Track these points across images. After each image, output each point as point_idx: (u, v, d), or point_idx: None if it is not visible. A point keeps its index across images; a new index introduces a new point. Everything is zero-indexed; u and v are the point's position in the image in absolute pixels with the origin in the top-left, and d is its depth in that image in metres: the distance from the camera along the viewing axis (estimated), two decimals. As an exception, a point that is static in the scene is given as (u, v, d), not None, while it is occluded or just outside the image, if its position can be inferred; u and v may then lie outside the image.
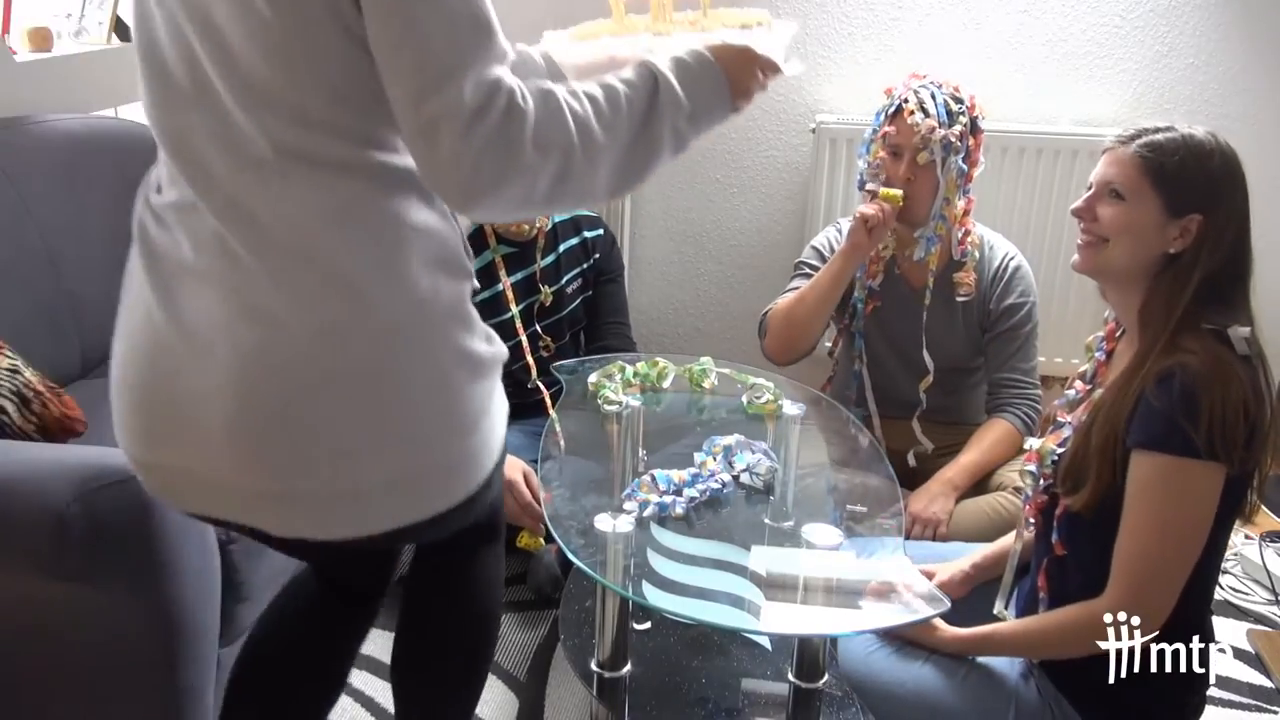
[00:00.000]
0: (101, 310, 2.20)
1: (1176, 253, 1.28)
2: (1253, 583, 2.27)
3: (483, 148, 0.85)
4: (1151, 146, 1.29)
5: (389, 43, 0.86)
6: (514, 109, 0.86)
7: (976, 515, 1.90)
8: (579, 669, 1.44)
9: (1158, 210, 1.28)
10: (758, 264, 2.89)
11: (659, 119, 0.95)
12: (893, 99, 2.00)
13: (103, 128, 2.40)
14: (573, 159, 0.90)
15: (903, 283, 2.10)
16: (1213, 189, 1.27)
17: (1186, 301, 1.26)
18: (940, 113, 1.93)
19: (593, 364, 1.94)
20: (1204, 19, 2.55)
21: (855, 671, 1.41)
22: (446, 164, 0.86)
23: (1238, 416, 1.19)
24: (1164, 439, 1.21)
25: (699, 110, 0.99)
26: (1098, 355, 1.44)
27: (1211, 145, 1.28)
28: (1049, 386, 2.66)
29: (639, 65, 0.98)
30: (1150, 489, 1.23)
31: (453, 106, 0.84)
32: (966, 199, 2.00)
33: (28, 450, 1.31)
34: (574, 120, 0.90)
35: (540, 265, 2.21)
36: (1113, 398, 1.29)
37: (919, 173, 1.96)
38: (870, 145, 2.03)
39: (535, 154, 0.88)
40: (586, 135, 0.90)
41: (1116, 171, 1.32)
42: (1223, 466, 1.20)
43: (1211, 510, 1.23)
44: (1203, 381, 1.19)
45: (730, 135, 2.79)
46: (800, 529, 1.33)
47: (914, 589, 1.28)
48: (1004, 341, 2.06)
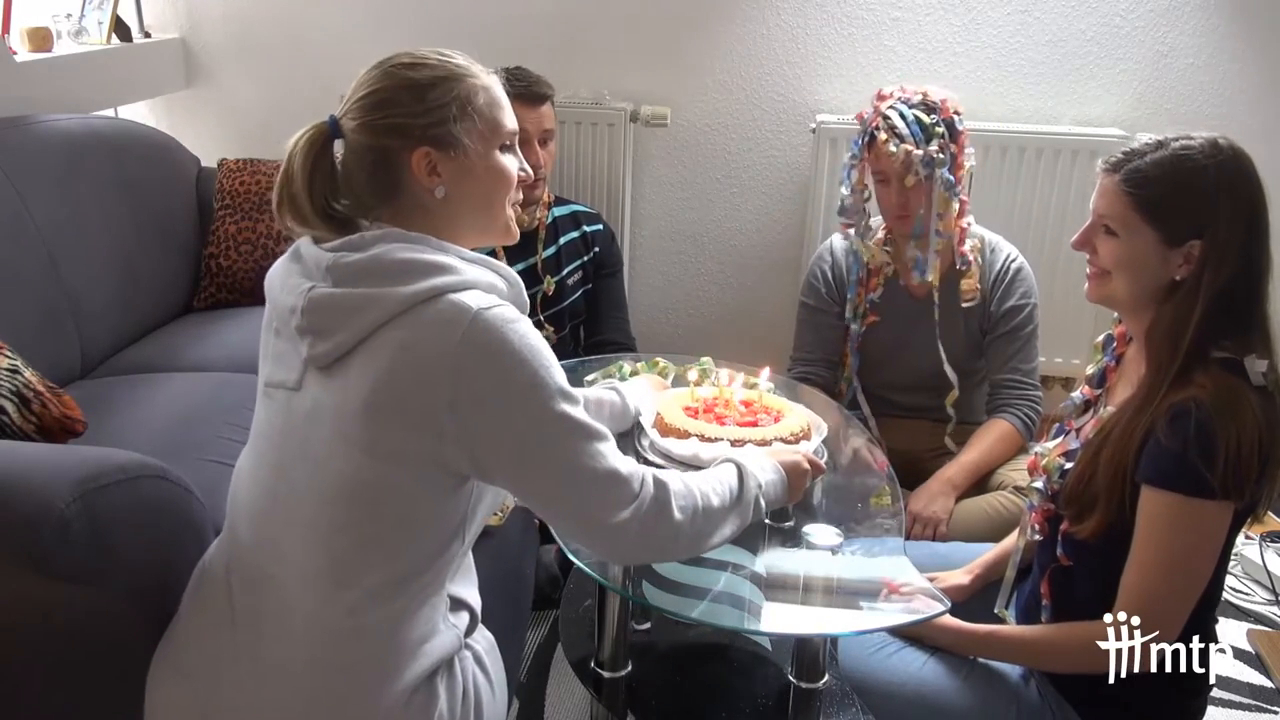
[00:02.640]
0: (101, 310, 2.22)
1: (1182, 279, 1.24)
2: (1253, 583, 2.27)
3: None
4: (1136, 178, 1.24)
5: None
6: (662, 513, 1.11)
7: (976, 515, 1.90)
8: (579, 669, 1.44)
9: (1155, 243, 1.24)
10: (758, 264, 2.89)
11: (742, 520, 1.21)
12: (864, 127, 1.99)
13: (103, 128, 2.41)
14: (690, 540, 1.16)
15: (905, 294, 2.10)
16: (1208, 210, 1.22)
17: (1195, 325, 1.22)
18: (914, 133, 1.92)
19: (593, 363, 1.94)
20: (1204, 19, 2.55)
21: (855, 671, 1.40)
22: None
23: (1252, 453, 1.16)
24: (1176, 478, 1.19)
25: (765, 513, 1.25)
26: (1106, 359, 1.42)
27: (1204, 159, 1.22)
28: (1049, 387, 2.66)
29: (745, 484, 1.22)
30: (1160, 526, 1.21)
31: None
32: (960, 201, 2.00)
33: (28, 450, 1.31)
34: (693, 520, 1.14)
35: (542, 256, 2.24)
36: (1122, 427, 1.26)
37: (910, 194, 1.96)
38: (851, 172, 2.03)
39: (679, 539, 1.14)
40: (700, 525, 1.15)
41: (1105, 204, 1.28)
42: (1233, 504, 1.19)
43: (1220, 544, 1.22)
44: (1219, 420, 1.16)
45: (730, 135, 2.80)
46: (800, 529, 1.33)
47: (914, 589, 1.28)
48: (1005, 343, 2.06)
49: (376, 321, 1.04)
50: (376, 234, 1.10)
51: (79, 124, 2.31)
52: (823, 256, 2.17)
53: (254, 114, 2.92)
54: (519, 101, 2.12)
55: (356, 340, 1.05)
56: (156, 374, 2.13)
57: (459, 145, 1.13)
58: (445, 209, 1.14)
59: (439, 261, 1.07)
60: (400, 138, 1.11)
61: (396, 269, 1.06)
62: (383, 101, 1.12)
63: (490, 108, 1.16)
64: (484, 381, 1.02)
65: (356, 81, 1.15)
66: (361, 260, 1.07)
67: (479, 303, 1.04)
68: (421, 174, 1.12)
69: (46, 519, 1.11)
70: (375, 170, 1.13)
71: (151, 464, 1.24)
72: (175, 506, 1.26)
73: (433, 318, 1.03)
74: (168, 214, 2.48)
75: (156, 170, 2.50)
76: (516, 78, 2.16)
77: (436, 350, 1.02)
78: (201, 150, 2.73)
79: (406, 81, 1.12)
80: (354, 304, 1.05)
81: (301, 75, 2.84)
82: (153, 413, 1.91)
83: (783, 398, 1.71)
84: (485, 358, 1.02)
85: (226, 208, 2.53)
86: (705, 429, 1.51)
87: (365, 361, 1.05)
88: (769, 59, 2.72)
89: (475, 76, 1.16)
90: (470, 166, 1.14)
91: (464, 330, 1.02)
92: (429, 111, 1.12)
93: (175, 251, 2.50)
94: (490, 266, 1.13)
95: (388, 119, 1.11)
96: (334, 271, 1.08)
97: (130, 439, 1.69)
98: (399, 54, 1.15)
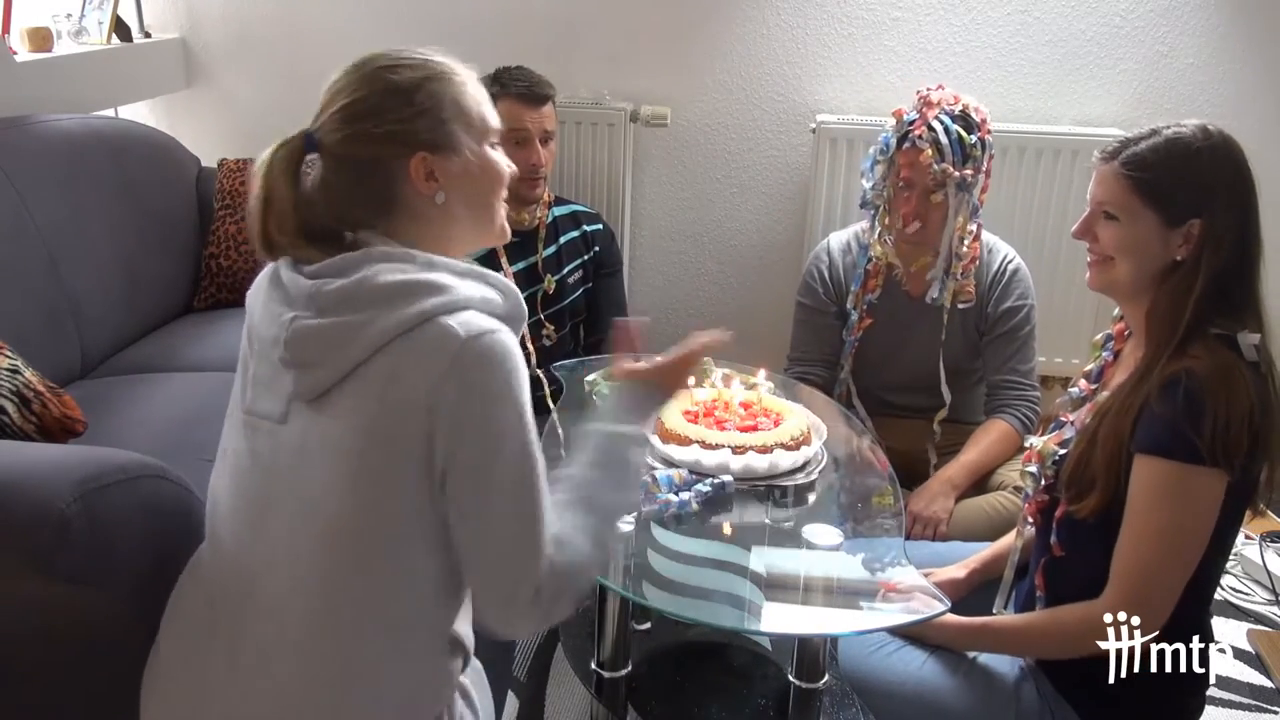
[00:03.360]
0: (101, 310, 2.22)
1: (1182, 259, 1.26)
2: (1253, 583, 2.27)
3: None
4: (1134, 162, 1.27)
5: None
6: None
7: (976, 514, 1.90)
8: (579, 669, 1.45)
9: (1156, 225, 1.27)
10: (758, 264, 2.89)
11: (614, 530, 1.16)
12: (901, 125, 1.95)
13: (103, 128, 2.41)
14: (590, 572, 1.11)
15: (903, 295, 2.10)
16: (1205, 189, 1.25)
17: (1193, 304, 1.24)
18: (955, 152, 1.90)
19: (592, 363, 1.94)
20: (1204, 19, 2.55)
21: (855, 671, 1.40)
22: None
23: (1242, 424, 1.18)
24: (1168, 444, 1.20)
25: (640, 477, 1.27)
26: (1105, 355, 1.43)
27: (1198, 142, 1.26)
28: (1048, 387, 2.66)
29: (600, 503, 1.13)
30: (1152, 494, 1.22)
31: None
32: (977, 224, 1.99)
33: (28, 450, 1.31)
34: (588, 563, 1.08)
35: (542, 255, 2.23)
36: (1118, 404, 1.28)
37: (932, 208, 1.94)
38: (875, 164, 2.00)
39: None
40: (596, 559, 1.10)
41: (1105, 191, 1.30)
42: (1225, 473, 1.20)
43: (1213, 516, 1.22)
44: (1208, 387, 1.18)
45: (730, 135, 2.80)
46: (800, 529, 1.33)
47: (915, 589, 1.28)
48: (1003, 343, 2.06)
49: (365, 351, 1.00)
50: (358, 255, 1.04)
51: (79, 124, 2.31)
52: (820, 257, 2.17)
53: (254, 114, 2.92)
54: (520, 101, 2.13)
55: (344, 372, 1.01)
56: (156, 374, 2.13)
57: (455, 147, 1.09)
58: (442, 215, 1.10)
59: (429, 281, 1.02)
60: (395, 145, 1.06)
61: (384, 293, 1.01)
62: (370, 109, 1.06)
63: (478, 105, 1.12)
64: (464, 413, 0.98)
65: (330, 89, 1.09)
66: (346, 286, 1.02)
67: (470, 329, 0.99)
68: (420, 181, 1.07)
69: (46, 519, 1.11)
70: (367, 183, 1.07)
71: (151, 464, 1.24)
72: (175, 506, 1.26)
73: (422, 345, 0.99)
74: (168, 214, 2.48)
75: (156, 170, 2.50)
76: (517, 78, 2.15)
77: (424, 381, 0.98)
78: (201, 150, 2.73)
79: (391, 85, 1.07)
80: (340, 335, 1.01)
81: (301, 75, 2.81)
82: (153, 413, 1.91)
83: (782, 399, 1.71)
84: (468, 390, 0.98)
85: (226, 208, 2.53)
86: (706, 435, 1.51)
87: (354, 394, 1.01)
88: (769, 59, 2.72)
89: (458, 73, 1.11)
90: (467, 167, 1.10)
91: (451, 359, 0.98)
92: (421, 115, 1.07)
93: (175, 252, 2.50)
94: (485, 279, 1.08)
95: (376, 127, 1.06)
96: (317, 300, 1.03)
97: (130, 439, 1.69)
98: (373, 56, 1.10)
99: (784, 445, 1.51)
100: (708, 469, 1.49)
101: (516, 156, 2.02)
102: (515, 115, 2.10)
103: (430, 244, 1.09)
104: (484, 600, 1.05)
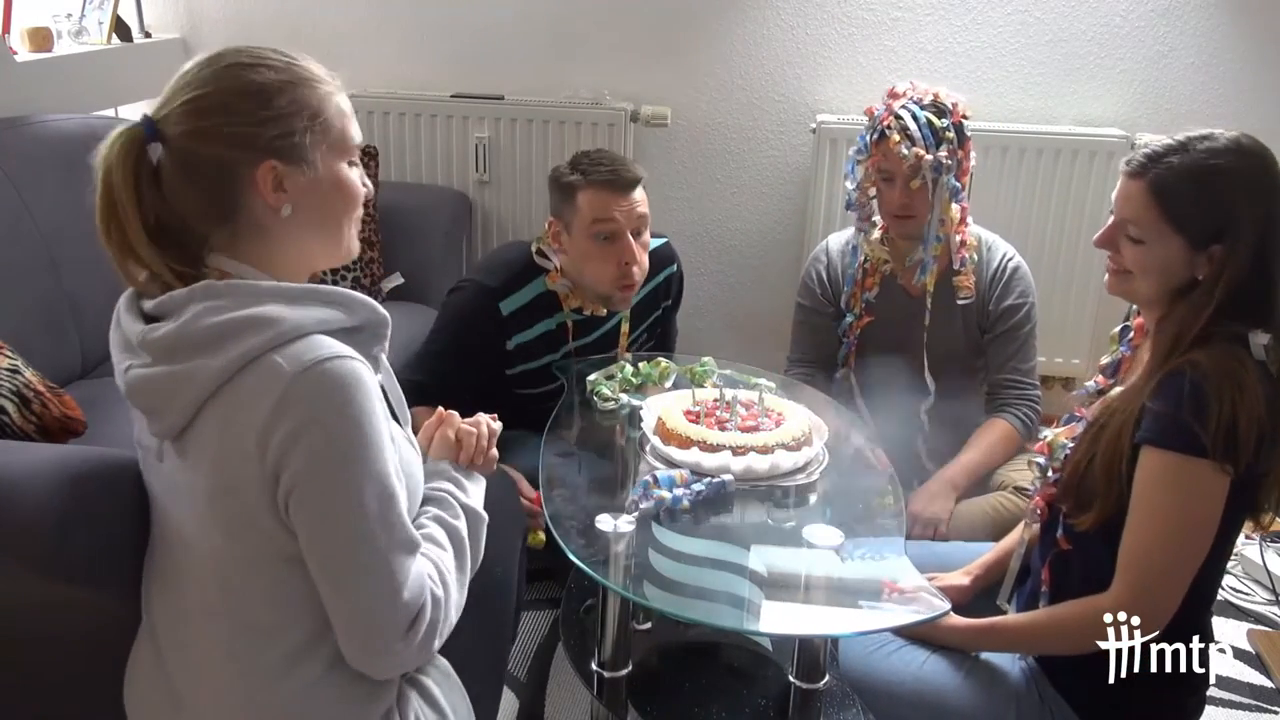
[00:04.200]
0: (101, 310, 2.21)
1: (1204, 277, 1.25)
2: (1253, 583, 2.27)
3: None
4: (1162, 184, 1.24)
5: None
6: None
7: (976, 515, 1.89)
8: (579, 669, 1.44)
9: (1181, 248, 1.25)
10: (758, 264, 2.89)
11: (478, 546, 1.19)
12: (874, 123, 1.97)
13: (103, 128, 2.37)
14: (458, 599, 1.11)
15: (901, 292, 2.10)
16: (1231, 213, 1.22)
17: (1207, 318, 1.23)
18: (925, 137, 1.91)
19: (592, 363, 1.93)
20: (1204, 19, 2.55)
21: (856, 671, 1.41)
22: None
23: (1250, 423, 1.17)
24: (1171, 436, 1.20)
25: None
26: (1122, 349, 1.42)
27: (1225, 162, 1.23)
28: (1049, 387, 2.66)
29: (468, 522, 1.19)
30: (1157, 486, 1.22)
31: None
32: (961, 206, 2.00)
33: (28, 450, 1.31)
34: (457, 588, 1.10)
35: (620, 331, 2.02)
36: (1122, 407, 1.27)
37: (914, 196, 1.95)
38: (856, 166, 2.02)
39: None
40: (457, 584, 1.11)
41: (1130, 210, 1.28)
42: (1227, 469, 1.19)
43: (1217, 511, 1.22)
44: (1213, 381, 1.18)
45: (730, 135, 2.80)
46: (800, 529, 1.33)
47: (915, 588, 1.28)
48: (1003, 342, 2.06)
49: (196, 400, 0.97)
50: (184, 294, 0.99)
51: (79, 124, 2.31)
52: (818, 258, 2.17)
53: (254, 114, 2.92)
54: (606, 189, 1.82)
55: (186, 420, 0.98)
56: (156, 374, 2.12)
57: (308, 160, 1.03)
58: (286, 230, 1.04)
59: (255, 316, 0.97)
60: (241, 149, 1.00)
61: (205, 338, 0.96)
62: (219, 106, 1.00)
63: (340, 119, 1.06)
64: (297, 454, 0.95)
65: (179, 78, 1.03)
66: (170, 333, 0.98)
67: (298, 362, 0.95)
68: (266, 191, 1.01)
69: (47, 519, 1.11)
70: (207, 185, 1.01)
71: (152, 464, 1.24)
72: (175, 506, 1.26)
73: (247, 388, 0.96)
74: (168, 214, 2.48)
75: (156, 170, 2.49)
76: (599, 162, 1.85)
77: (251, 425, 0.95)
78: (201, 150, 2.73)
79: (248, 85, 1.01)
80: (171, 384, 0.98)
81: (301, 75, 2.83)
82: (153, 413, 1.91)
83: (783, 398, 1.71)
84: (300, 429, 0.95)
85: (226, 208, 2.52)
86: (707, 436, 1.51)
87: (198, 440, 0.99)
88: (769, 59, 2.72)
89: (324, 83, 1.06)
90: (319, 183, 1.04)
91: (276, 400, 0.94)
92: (276, 120, 1.01)
93: (175, 251, 2.49)
94: (323, 299, 1.02)
95: (227, 127, 1.00)
96: (147, 348, 1.00)
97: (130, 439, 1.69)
98: (232, 50, 1.03)
99: (785, 446, 1.51)
100: (708, 470, 1.49)
101: (606, 253, 1.83)
102: (601, 205, 1.81)
103: (273, 262, 1.05)
104: (342, 642, 1.03)
